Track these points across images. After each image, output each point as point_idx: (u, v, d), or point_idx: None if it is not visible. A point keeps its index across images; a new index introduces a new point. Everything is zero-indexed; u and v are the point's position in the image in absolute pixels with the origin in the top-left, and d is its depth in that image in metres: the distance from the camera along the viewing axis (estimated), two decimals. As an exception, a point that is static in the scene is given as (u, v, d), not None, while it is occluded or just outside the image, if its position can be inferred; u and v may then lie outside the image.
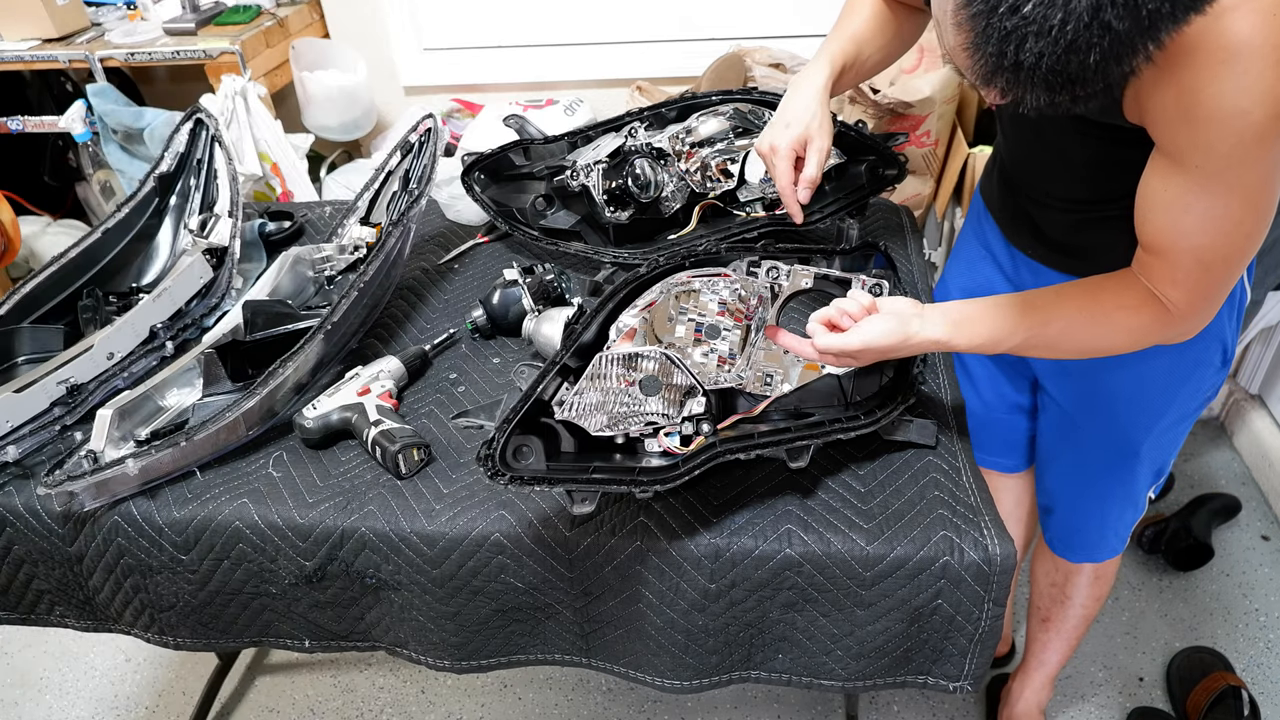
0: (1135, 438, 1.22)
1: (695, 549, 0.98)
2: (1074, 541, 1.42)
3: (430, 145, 1.42)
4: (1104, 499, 1.33)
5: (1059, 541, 1.44)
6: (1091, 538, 1.40)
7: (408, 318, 1.38)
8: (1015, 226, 1.20)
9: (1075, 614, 1.52)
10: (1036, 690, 1.65)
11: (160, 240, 1.44)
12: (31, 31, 2.36)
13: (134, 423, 1.11)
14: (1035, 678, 1.64)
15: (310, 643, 1.14)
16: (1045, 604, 1.55)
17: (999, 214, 1.24)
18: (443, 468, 1.09)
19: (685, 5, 2.46)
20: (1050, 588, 1.52)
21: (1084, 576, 1.46)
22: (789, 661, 1.06)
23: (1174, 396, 1.17)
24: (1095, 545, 1.41)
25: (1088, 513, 1.37)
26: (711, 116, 1.37)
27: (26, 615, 1.18)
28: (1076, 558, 1.44)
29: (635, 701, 1.81)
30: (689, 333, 0.99)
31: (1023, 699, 1.66)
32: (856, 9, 1.21)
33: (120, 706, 1.88)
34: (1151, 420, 1.20)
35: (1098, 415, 1.23)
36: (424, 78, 2.64)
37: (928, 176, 2.09)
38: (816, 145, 1.14)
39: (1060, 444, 1.33)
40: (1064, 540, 1.44)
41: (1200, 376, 1.15)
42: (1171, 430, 1.22)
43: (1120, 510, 1.34)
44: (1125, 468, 1.27)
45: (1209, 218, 0.82)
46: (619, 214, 1.39)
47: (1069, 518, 1.40)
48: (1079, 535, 1.41)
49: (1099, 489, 1.32)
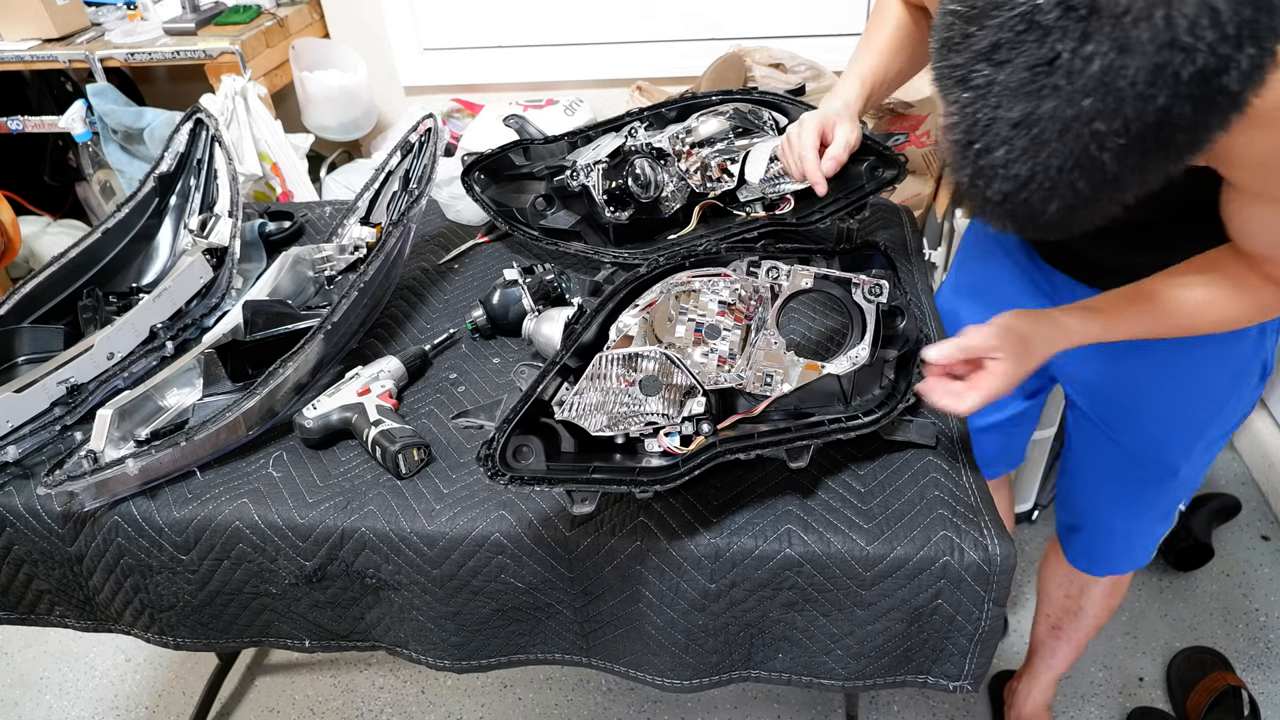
0: (1175, 457, 1.19)
1: (695, 549, 0.98)
2: (1100, 557, 1.40)
3: (430, 145, 1.42)
4: (1138, 516, 1.30)
5: (1084, 558, 1.41)
6: (1118, 553, 1.37)
7: (408, 318, 1.38)
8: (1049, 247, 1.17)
9: (1087, 623, 1.51)
10: (1043, 689, 1.65)
11: (160, 240, 1.44)
12: (31, 31, 2.36)
13: (134, 423, 1.11)
14: (1043, 679, 1.64)
15: (310, 643, 1.14)
16: (1056, 613, 1.53)
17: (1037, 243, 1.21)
18: (443, 468, 1.09)
19: (685, 5, 2.46)
20: (1064, 599, 1.50)
21: (1100, 589, 1.45)
22: (789, 661, 1.06)
23: (1216, 414, 1.15)
24: (1121, 559, 1.38)
25: (1118, 530, 1.34)
26: (711, 116, 1.37)
27: (26, 615, 1.18)
28: (1101, 572, 1.42)
29: (635, 701, 1.81)
30: (689, 333, 0.99)
31: (1030, 699, 1.66)
32: (882, 21, 1.19)
33: (120, 706, 1.88)
34: (1193, 439, 1.18)
35: (1139, 436, 1.20)
36: (424, 78, 2.64)
37: (928, 176, 2.09)
38: (844, 129, 1.13)
39: (1095, 464, 1.30)
40: (1089, 556, 1.41)
41: (1241, 394, 1.14)
42: (1211, 448, 1.20)
43: (1152, 526, 1.32)
44: (1163, 486, 1.24)
45: None
46: (619, 214, 1.39)
47: (1097, 535, 1.37)
48: (1106, 552, 1.38)
49: (1134, 507, 1.29)
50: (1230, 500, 2.10)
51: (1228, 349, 1.07)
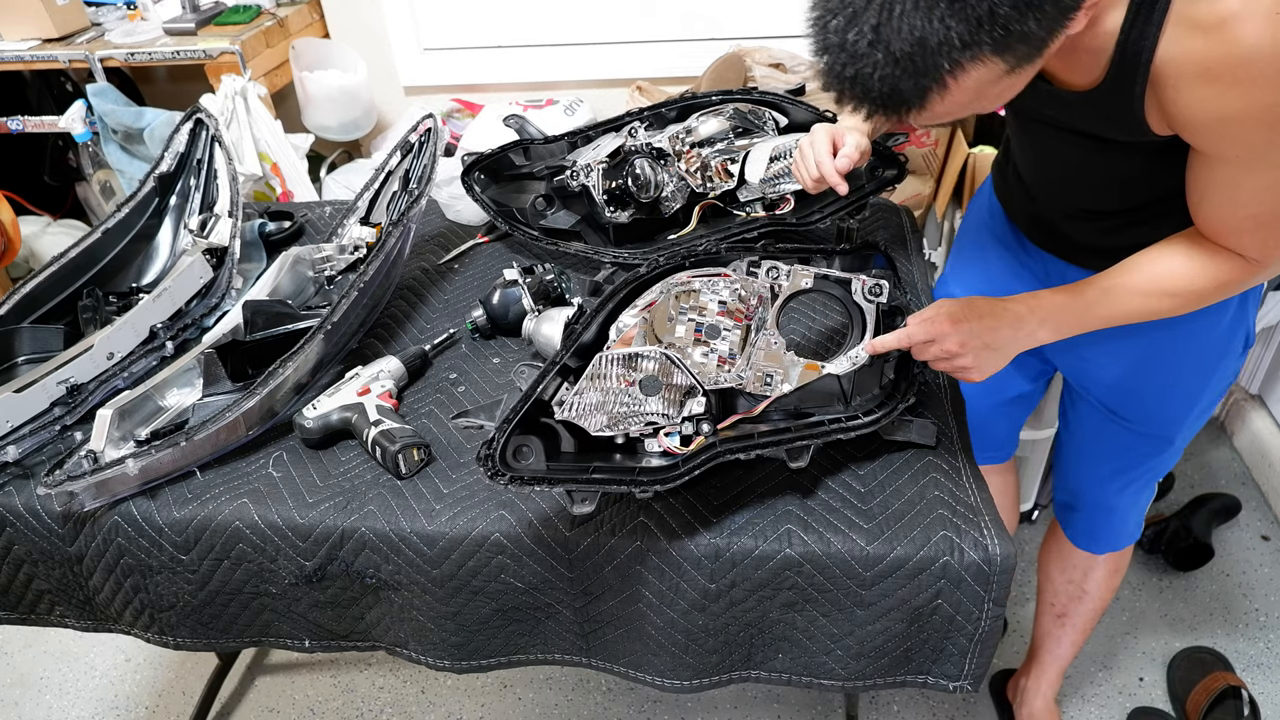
0: (1171, 428, 1.25)
1: (695, 549, 0.98)
2: (1101, 533, 1.44)
3: (430, 145, 1.42)
4: (1132, 489, 1.36)
5: (1084, 536, 1.46)
6: (1117, 527, 1.42)
7: (408, 318, 1.38)
8: (1039, 232, 1.22)
9: (1092, 606, 1.54)
10: (1051, 683, 1.66)
11: (160, 240, 1.44)
12: (31, 31, 2.36)
13: (134, 423, 1.11)
14: (1049, 671, 1.65)
15: (310, 643, 1.14)
16: (1062, 600, 1.55)
17: (1020, 219, 1.25)
18: (443, 468, 1.09)
19: (685, 5, 2.46)
20: (1067, 584, 1.53)
21: (1103, 570, 1.48)
22: (789, 661, 1.06)
23: (1207, 381, 1.20)
24: (1119, 533, 1.43)
25: (1115, 505, 1.39)
26: (711, 116, 1.37)
27: (26, 615, 1.18)
28: (1102, 549, 1.46)
29: (635, 701, 1.81)
30: (689, 333, 0.99)
31: (1039, 694, 1.66)
32: None
33: (120, 706, 1.88)
34: (1187, 407, 1.23)
35: (1138, 408, 1.25)
36: (424, 78, 2.64)
37: (928, 176, 2.09)
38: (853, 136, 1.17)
39: (1094, 441, 1.34)
40: (1090, 534, 1.45)
41: (1226, 364, 1.19)
42: (1202, 415, 1.26)
43: (1144, 496, 1.38)
44: (1159, 455, 1.30)
45: (1260, 188, 0.86)
46: (619, 214, 1.39)
47: (1097, 512, 1.42)
48: (1105, 527, 1.43)
49: (1129, 480, 1.35)
50: (1230, 500, 2.10)
51: (1212, 322, 1.13)
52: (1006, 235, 1.29)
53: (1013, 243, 1.28)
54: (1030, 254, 1.24)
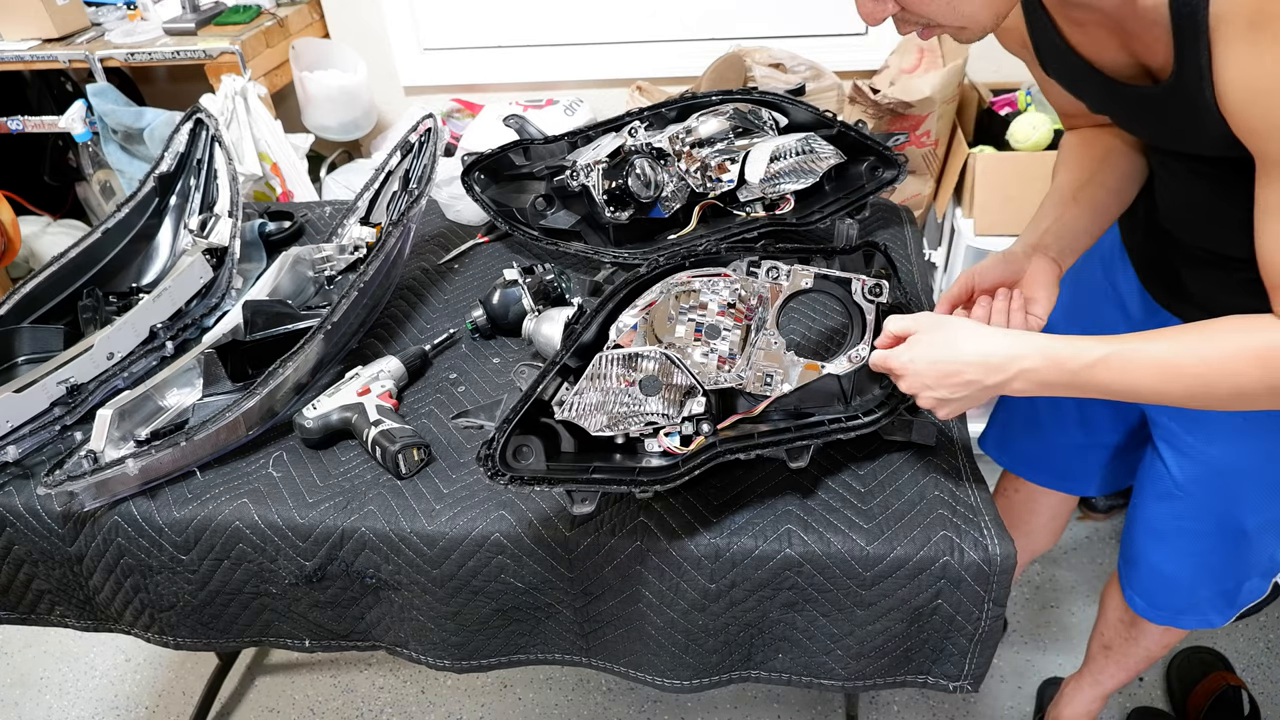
0: (1243, 512, 1.11)
1: (695, 549, 0.98)
2: (1159, 601, 1.27)
3: (430, 145, 1.42)
4: (1201, 572, 1.20)
5: (1141, 597, 1.29)
6: (1180, 603, 1.25)
7: (408, 318, 1.38)
8: (1156, 277, 1.11)
9: (1140, 654, 1.43)
10: (1087, 702, 1.58)
11: (160, 240, 1.44)
12: (31, 31, 2.36)
13: (134, 423, 1.11)
14: (1088, 691, 1.57)
15: (310, 643, 1.14)
16: (1110, 634, 1.46)
17: (1139, 261, 1.14)
18: (443, 468, 1.09)
19: (685, 5, 2.46)
20: (1119, 623, 1.43)
21: (1157, 629, 1.37)
22: (789, 661, 1.06)
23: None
24: (1182, 611, 1.26)
25: (1176, 580, 1.23)
26: (711, 116, 1.37)
27: (26, 615, 1.18)
28: (1158, 619, 1.29)
29: (635, 701, 1.81)
30: (689, 333, 0.99)
31: (1072, 705, 1.59)
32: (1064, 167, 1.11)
33: (120, 706, 1.88)
34: (1266, 499, 1.09)
35: (1205, 482, 1.12)
36: (424, 78, 2.64)
37: (928, 176, 2.09)
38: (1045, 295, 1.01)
39: (1151, 500, 1.21)
40: (1146, 597, 1.29)
41: None
42: None
43: (1224, 587, 1.21)
44: (1232, 546, 1.16)
45: None
46: (619, 214, 1.39)
47: (1154, 580, 1.27)
48: (1166, 597, 1.26)
49: (1192, 559, 1.20)
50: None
51: None
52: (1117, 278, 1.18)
53: (1122, 286, 1.17)
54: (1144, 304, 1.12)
